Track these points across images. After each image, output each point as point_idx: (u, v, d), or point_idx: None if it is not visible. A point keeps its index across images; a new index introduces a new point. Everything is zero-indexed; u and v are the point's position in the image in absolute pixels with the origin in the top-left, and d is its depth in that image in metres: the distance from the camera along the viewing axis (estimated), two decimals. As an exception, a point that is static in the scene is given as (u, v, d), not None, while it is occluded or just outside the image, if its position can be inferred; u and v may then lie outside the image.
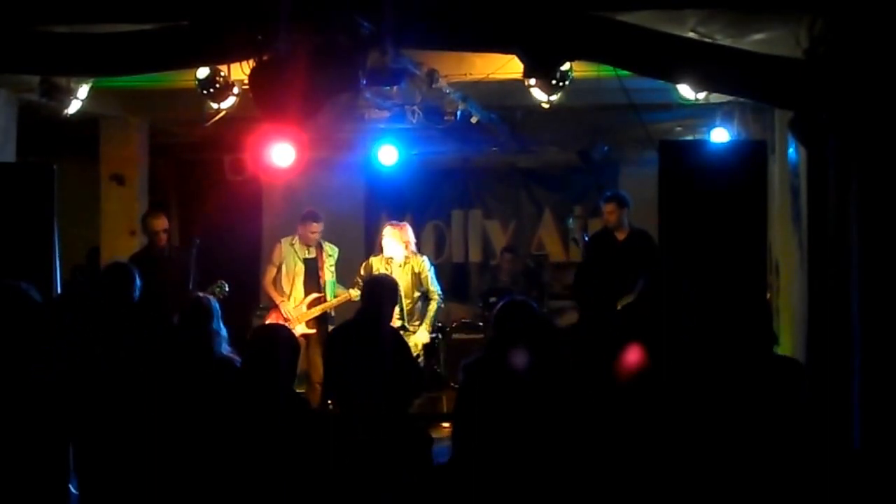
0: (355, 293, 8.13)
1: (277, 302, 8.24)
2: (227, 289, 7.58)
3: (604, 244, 7.96)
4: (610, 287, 5.69)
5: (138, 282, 5.51)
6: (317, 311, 8.24)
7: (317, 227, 8.27)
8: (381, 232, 8.14)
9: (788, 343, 6.49)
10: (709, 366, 4.73)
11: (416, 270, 7.90)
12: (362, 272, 7.99)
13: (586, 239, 8.22)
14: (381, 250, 8.08)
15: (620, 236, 7.98)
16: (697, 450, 4.58)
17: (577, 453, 4.56)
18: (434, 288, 7.96)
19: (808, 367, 5.20)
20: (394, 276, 7.67)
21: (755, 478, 4.43)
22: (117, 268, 5.68)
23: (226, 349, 5.17)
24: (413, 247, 8.03)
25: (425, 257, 8.18)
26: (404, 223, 8.20)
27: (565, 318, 9.73)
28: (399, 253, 7.90)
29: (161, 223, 7.79)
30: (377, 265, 7.93)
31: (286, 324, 8.03)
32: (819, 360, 5.12)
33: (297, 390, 7.83)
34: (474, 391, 4.69)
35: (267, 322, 7.83)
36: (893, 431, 4.58)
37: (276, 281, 8.31)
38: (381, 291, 6.04)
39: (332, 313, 8.41)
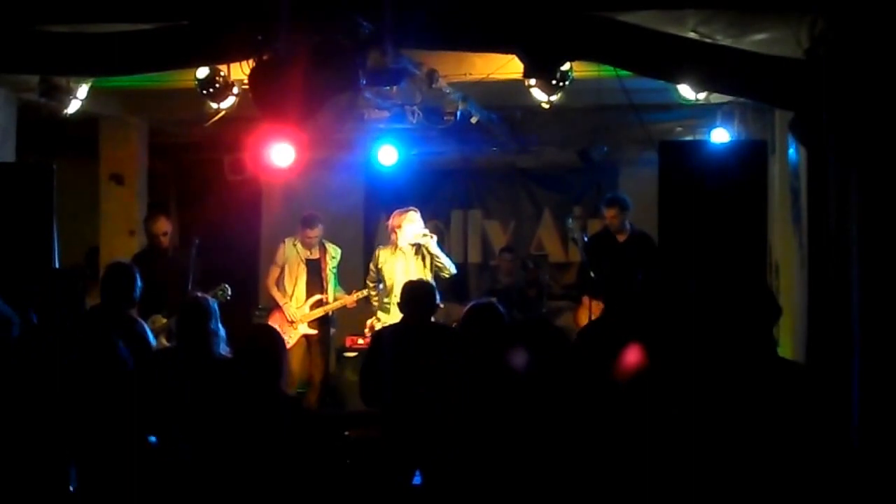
0: (350, 299, 8.12)
1: (280, 303, 8.23)
2: (229, 292, 7.53)
3: (604, 246, 7.96)
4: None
5: (139, 282, 5.50)
6: (319, 312, 8.23)
7: (312, 234, 8.23)
8: (394, 221, 7.77)
9: (788, 343, 6.48)
10: (708, 367, 4.73)
11: (427, 252, 7.68)
12: (372, 266, 7.88)
13: (586, 239, 8.21)
14: (391, 240, 7.80)
15: (621, 238, 7.98)
16: (697, 450, 4.58)
17: (557, 454, 4.59)
18: (447, 263, 7.72)
19: (808, 367, 5.20)
20: (406, 264, 7.61)
21: (754, 478, 4.43)
22: (118, 267, 5.67)
23: (224, 349, 5.17)
24: None
25: (434, 237, 7.88)
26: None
27: (564, 318, 9.76)
28: (421, 232, 7.69)
29: (161, 226, 7.77)
30: (385, 256, 7.76)
31: (289, 325, 8.05)
32: (819, 360, 5.12)
33: (299, 391, 7.91)
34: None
35: (258, 323, 7.83)
36: (893, 431, 4.58)
37: (279, 281, 8.29)
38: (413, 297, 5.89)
39: (334, 314, 8.41)
